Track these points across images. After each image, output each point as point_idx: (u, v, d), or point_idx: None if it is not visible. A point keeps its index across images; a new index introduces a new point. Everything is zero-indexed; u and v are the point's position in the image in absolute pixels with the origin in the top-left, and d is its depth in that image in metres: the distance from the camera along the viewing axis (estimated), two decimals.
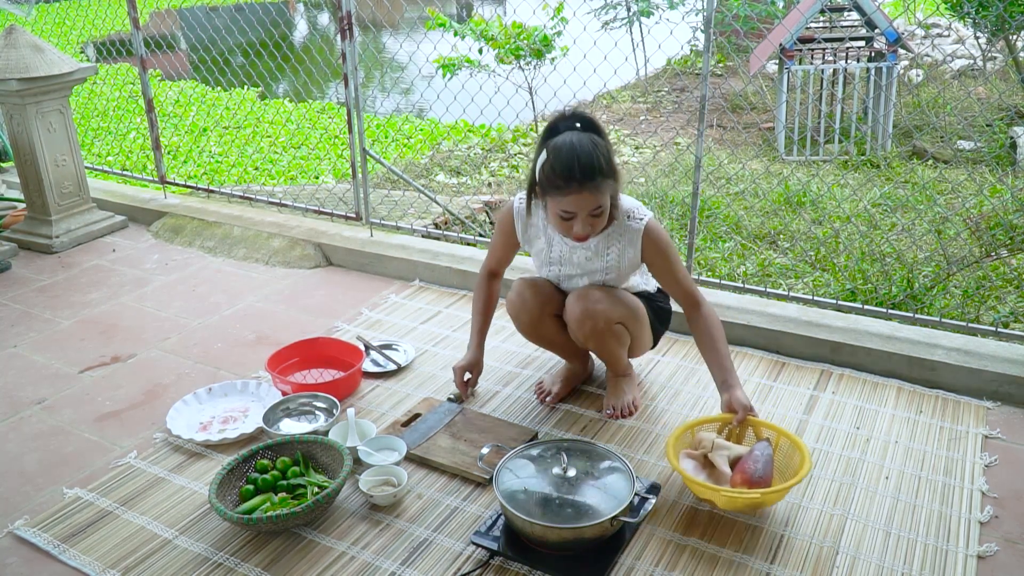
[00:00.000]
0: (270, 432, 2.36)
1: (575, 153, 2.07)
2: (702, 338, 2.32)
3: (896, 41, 6.28)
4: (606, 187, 2.12)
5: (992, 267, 3.80)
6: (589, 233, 2.17)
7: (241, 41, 5.51)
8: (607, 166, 2.11)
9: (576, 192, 2.08)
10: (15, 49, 3.70)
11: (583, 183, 2.07)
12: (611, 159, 2.13)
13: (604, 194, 2.12)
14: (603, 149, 2.12)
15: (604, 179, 2.10)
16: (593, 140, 2.11)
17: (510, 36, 6.62)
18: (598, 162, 2.08)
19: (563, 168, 2.08)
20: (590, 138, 2.11)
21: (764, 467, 2.01)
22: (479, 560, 1.95)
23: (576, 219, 2.14)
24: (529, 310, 2.45)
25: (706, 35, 2.86)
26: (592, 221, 2.15)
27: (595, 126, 2.17)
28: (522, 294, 2.45)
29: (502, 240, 2.51)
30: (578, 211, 2.12)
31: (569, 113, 2.17)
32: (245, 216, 4.09)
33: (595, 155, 2.08)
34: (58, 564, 1.98)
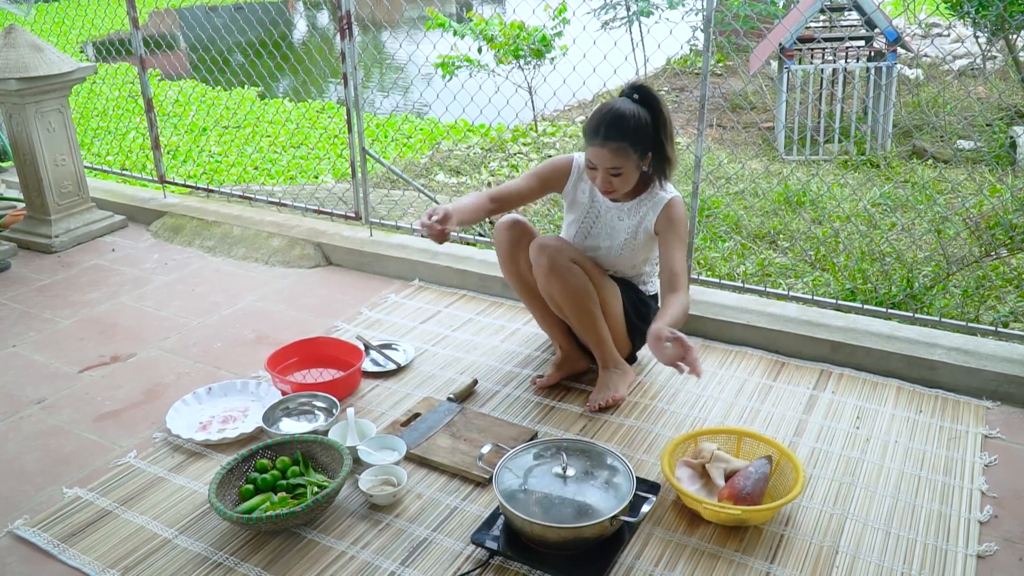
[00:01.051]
0: (270, 432, 2.36)
1: (609, 113, 2.28)
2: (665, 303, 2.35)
3: (896, 41, 6.28)
4: (627, 153, 2.29)
5: (992, 267, 3.80)
6: (608, 189, 2.37)
7: (240, 41, 5.51)
8: (633, 133, 2.27)
9: (598, 146, 2.29)
10: (14, 48, 3.69)
11: (604, 141, 2.28)
12: (644, 131, 2.29)
13: (624, 158, 2.29)
14: (640, 120, 2.28)
15: (626, 144, 2.27)
16: (635, 111, 2.28)
17: (510, 36, 6.62)
18: (624, 127, 2.26)
19: (594, 121, 2.30)
20: (634, 108, 2.29)
21: (754, 484, 2.02)
22: (479, 560, 1.95)
23: (598, 171, 2.34)
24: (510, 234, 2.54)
25: (706, 35, 2.86)
26: (611, 180, 2.34)
27: (652, 101, 2.33)
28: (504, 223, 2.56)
29: (544, 175, 2.57)
30: (598, 164, 2.33)
31: (636, 84, 2.36)
32: (245, 216, 4.09)
33: (625, 121, 2.27)
34: (58, 564, 1.98)
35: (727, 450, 2.23)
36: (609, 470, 2.03)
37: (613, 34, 8.51)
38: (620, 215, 2.52)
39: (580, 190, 2.57)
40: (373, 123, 7.26)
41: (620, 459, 2.05)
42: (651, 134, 2.33)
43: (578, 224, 2.59)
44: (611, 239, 2.54)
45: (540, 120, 7.41)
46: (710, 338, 2.94)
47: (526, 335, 2.99)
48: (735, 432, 2.25)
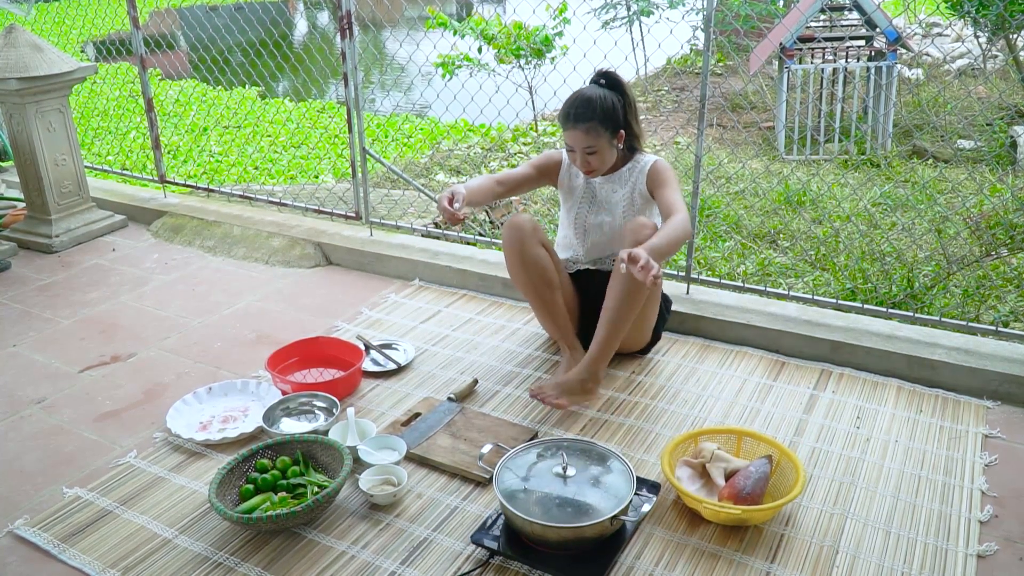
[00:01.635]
0: (270, 431, 2.36)
1: (578, 98, 2.49)
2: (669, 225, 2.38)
3: (896, 40, 6.28)
4: (598, 133, 2.47)
5: (992, 266, 3.80)
6: (587, 169, 2.55)
7: (241, 40, 5.51)
8: (603, 115, 2.46)
9: (571, 129, 2.49)
10: (15, 48, 3.70)
11: (576, 123, 2.47)
12: (612, 112, 2.48)
13: (596, 137, 2.48)
14: (605, 102, 2.47)
15: (596, 124, 2.46)
16: (602, 94, 2.48)
17: (510, 36, 6.62)
18: (592, 109, 2.46)
19: (565, 107, 2.51)
20: (601, 92, 2.49)
21: (754, 484, 2.02)
22: (479, 559, 1.95)
23: (576, 153, 2.52)
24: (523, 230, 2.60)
25: (706, 34, 2.86)
26: (588, 159, 2.52)
27: (618, 85, 2.54)
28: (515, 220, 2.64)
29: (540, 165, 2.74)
30: (574, 146, 2.51)
31: (602, 71, 2.57)
32: (245, 215, 4.09)
33: (594, 103, 2.46)
34: (58, 563, 1.98)
35: (727, 450, 2.23)
36: (609, 470, 2.03)
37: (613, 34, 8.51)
38: (613, 187, 2.66)
39: (572, 175, 2.74)
40: (373, 123, 7.26)
41: (620, 459, 2.05)
42: (621, 114, 2.52)
43: (577, 207, 2.72)
44: (611, 213, 2.67)
45: (540, 120, 7.41)
46: (710, 338, 2.94)
47: (526, 335, 2.98)
48: (735, 432, 2.25)
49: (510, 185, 2.71)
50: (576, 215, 2.73)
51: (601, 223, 2.69)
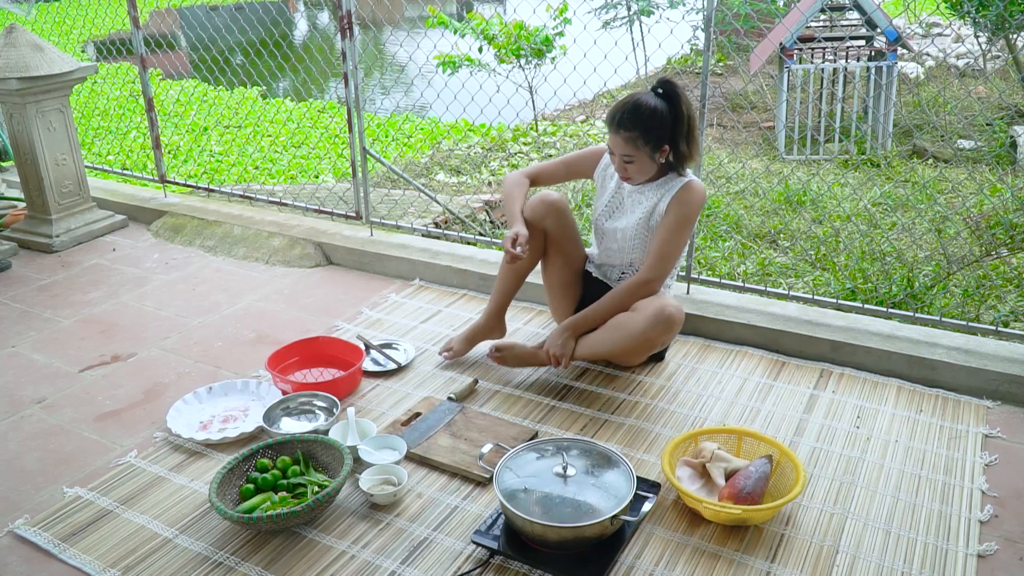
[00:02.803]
0: (270, 431, 2.36)
1: (628, 103, 2.41)
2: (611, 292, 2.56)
3: (896, 40, 6.28)
4: (638, 144, 2.41)
5: (992, 266, 3.80)
6: (623, 175, 2.51)
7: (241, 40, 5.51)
8: (646, 125, 2.38)
9: (612, 133, 2.44)
10: (15, 48, 3.70)
11: (618, 129, 2.41)
12: (659, 125, 2.39)
13: (635, 148, 2.41)
14: (656, 113, 2.38)
15: (637, 134, 2.39)
16: (653, 104, 2.39)
17: (511, 36, 6.62)
18: (638, 118, 2.38)
19: (613, 110, 2.43)
20: (654, 101, 2.40)
21: (755, 484, 2.02)
22: (479, 559, 1.95)
23: (615, 157, 2.48)
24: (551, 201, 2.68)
25: (706, 34, 2.86)
26: (624, 165, 2.47)
27: (672, 97, 2.42)
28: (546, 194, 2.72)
29: (579, 160, 2.74)
30: (614, 150, 2.47)
31: (664, 79, 2.46)
32: (245, 215, 4.09)
33: (640, 113, 2.38)
34: (58, 563, 1.98)
35: (727, 449, 2.23)
36: (609, 469, 2.03)
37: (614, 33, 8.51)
38: (639, 198, 2.60)
39: (608, 176, 2.70)
40: (374, 123, 7.26)
41: (620, 458, 2.05)
42: (668, 128, 2.42)
43: (604, 204, 2.70)
44: (627, 220, 2.62)
45: (541, 120, 7.41)
46: (710, 338, 2.94)
47: (526, 335, 2.99)
48: (735, 431, 2.25)
49: (541, 181, 2.77)
50: (602, 211, 2.71)
51: (615, 229, 2.65)
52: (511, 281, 2.79)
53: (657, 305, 2.43)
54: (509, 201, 2.67)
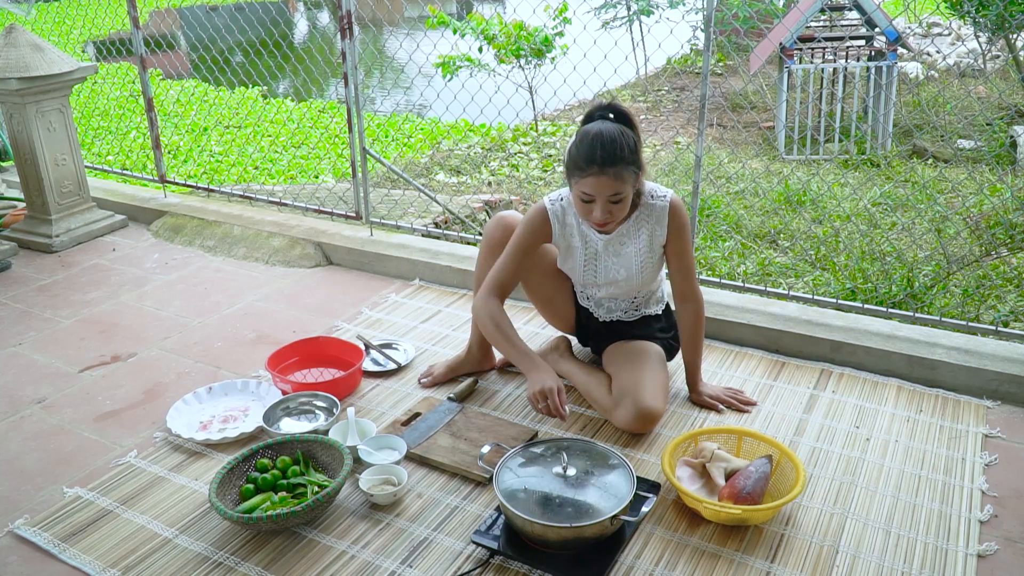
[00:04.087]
0: (270, 431, 2.36)
1: (600, 138, 2.15)
2: (686, 335, 2.51)
3: (896, 40, 6.28)
4: (627, 175, 2.17)
5: (992, 266, 3.80)
6: (608, 220, 2.23)
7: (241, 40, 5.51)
8: (630, 155, 2.17)
9: (596, 175, 2.15)
10: (15, 48, 3.70)
11: (603, 167, 2.14)
12: (636, 150, 2.20)
13: (624, 182, 2.18)
14: (629, 139, 2.18)
15: (625, 166, 2.16)
16: (621, 130, 2.18)
17: (511, 36, 6.62)
18: (620, 149, 2.15)
19: (587, 150, 2.15)
20: (619, 128, 2.19)
21: (754, 484, 2.02)
22: (479, 559, 1.95)
23: (596, 203, 2.19)
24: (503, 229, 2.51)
25: (706, 34, 2.86)
26: (611, 208, 2.21)
27: (627, 118, 2.24)
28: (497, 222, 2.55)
29: (527, 244, 2.42)
30: (597, 195, 2.18)
31: (605, 104, 2.25)
32: (245, 215, 4.09)
33: (619, 142, 2.15)
34: (58, 563, 1.98)
35: (727, 449, 2.23)
36: (609, 469, 2.03)
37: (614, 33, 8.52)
38: (622, 240, 2.39)
39: (568, 234, 2.43)
40: (374, 123, 7.26)
41: (620, 458, 2.05)
42: (638, 151, 2.24)
43: (581, 268, 2.46)
44: (626, 268, 2.42)
45: (540, 119, 7.41)
46: (710, 338, 2.93)
47: (526, 335, 2.98)
48: (735, 431, 2.25)
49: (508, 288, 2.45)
50: (584, 273, 2.47)
51: (615, 280, 2.45)
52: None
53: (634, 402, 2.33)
54: (501, 340, 2.36)
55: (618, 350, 2.52)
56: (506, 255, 2.42)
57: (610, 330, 2.57)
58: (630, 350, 2.49)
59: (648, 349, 2.49)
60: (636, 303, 2.55)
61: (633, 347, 2.50)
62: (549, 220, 2.41)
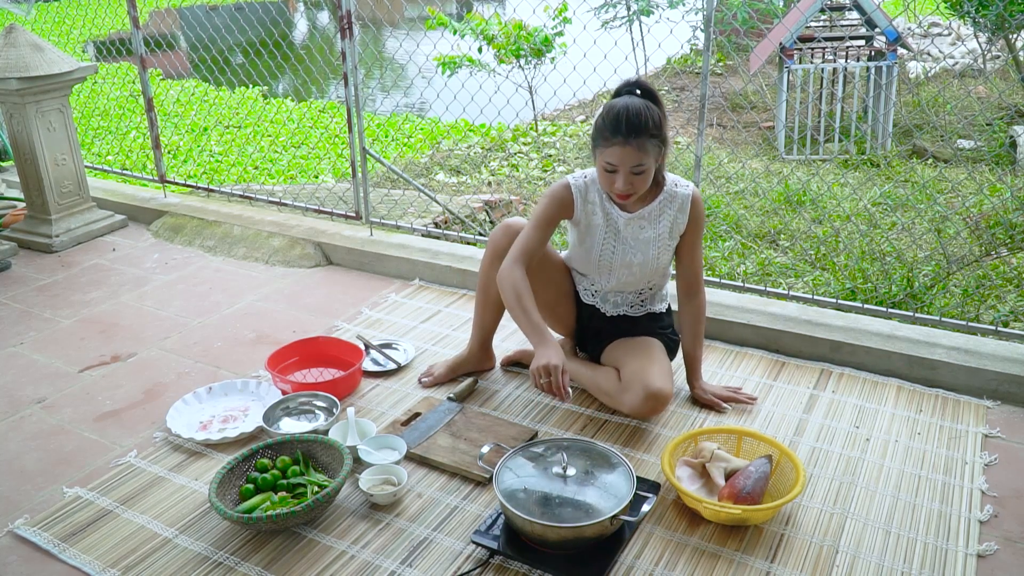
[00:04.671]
0: (270, 431, 2.36)
1: (626, 110, 2.19)
2: (688, 327, 2.54)
3: (896, 40, 6.28)
4: (650, 147, 2.21)
5: (992, 266, 3.80)
6: (629, 192, 2.26)
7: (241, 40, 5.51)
8: (654, 127, 2.20)
9: (620, 144, 2.18)
10: (15, 48, 3.70)
11: (628, 137, 2.17)
12: (661, 125, 2.23)
13: (647, 154, 2.21)
14: (655, 113, 2.22)
15: (649, 138, 2.20)
16: (647, 104, 2.22)
17: (510, 36, 6.62)
18: (645, 121, 2.19)
19: (612, 120, 2.19)
20: (644, 102, 2.22)
21: (754, 484, 2.02)
22: (479, 559, 1.95)
23: (619, 174, 2.22)
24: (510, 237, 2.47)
25: (706, 34, 2.86)
26: (633, 179, 2.24)
27: (653, 95, 2.27)
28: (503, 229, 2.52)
29: (551, 215, 2.42)
30: (620, 165, 2.21)
31: (632, 81, 2.29)
32: (245, 215, 4.09)
33: (644, 115, 2.19)
34: (58, 563, 1.98)
35: (727, 449, 2.23)
36: (609, 469, 2.03)
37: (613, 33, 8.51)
38: (642, 224, 2.40)
39: (590, 211, 2.43)
40: (374, 123, 7.26)
41: (620, 458, 2.05)
42: (663, 126, 2.27)
43: (599, 247, 2.45)
44: (643, 252, 2.42)
45: (540, 119, 7.41)
46: (710, 338, 2.93)
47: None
48: (735, 431, 2.25)
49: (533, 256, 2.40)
50: (601, 254, 2.46)
51: (630, 263, 2.44)
52: (491, 313, 2.62)
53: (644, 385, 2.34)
54: (519, 312, 2.29)
55: (621, 345, 2.53)
56: (531, 226, 2.42)
57: (614, 326, 2.57)
58: (634, 343, 2.51)
59: (651, 341, 2.52)
60: (643, 297, 2.56)
61: (636, 340, 2.52)
62: (572, 194, 2.42)
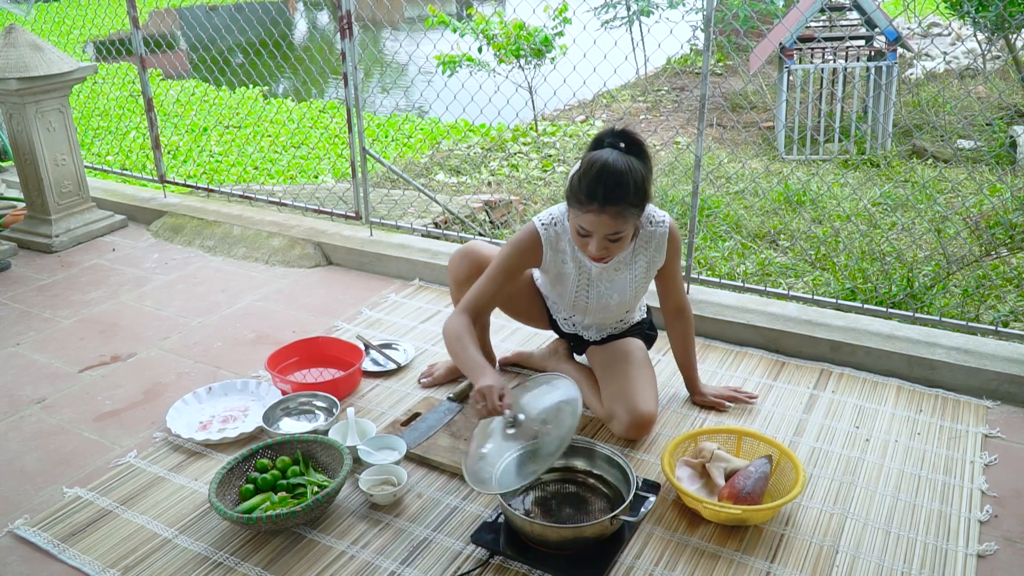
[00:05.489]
0: (270, 431, 2.36)
1: (605, 172, 1.98)
2: (680, 345, 2.51)
3: (896, 40, 6.28)
4: (629, 215, 2.03)
5: (992, 266, 3.80)
6: (604, 256, 2.10)
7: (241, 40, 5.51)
8: (635, 194, 2.01)
9: (596, 212, 2.00)
10: (15, 48, 3.70)
11: (604, 205, 1.99)
12: (643, 186, 2.03)
13: (625, 222, 2.04)
14: (637, 175, 2.01)
15: (628, 207, 2.01)
16: (630, 164, 2.00)
17: (511, 36, 6.62)
18: (625, 189, 1.99)
19: (589, 184, 1.99)
20: (627, 161, 2.00)
21: (754, 484, 2.02)
22: (479, 559, 1.95)
23: (592, 238, 2.06)
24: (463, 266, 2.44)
25: (706, 34, 2.86)
26: (608, 245, 2.07)
27: (639, 149, 2.06)
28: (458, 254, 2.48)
29: (513, 266, 2.27)
30: (594, 231, 2.04)
31: (618, 130, 2.06)
32: (245, 215, 4.09)
33: (626, 180, 1.99)
34: (58, 563, 1.98)
35: (727, 449, 2.23)
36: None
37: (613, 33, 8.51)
38: (617, 267, 2.30)
39: (560, 260, 2.30)
40: (374, 123, 7.26)
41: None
42: (646, 187, 2.06)
43: (572, 293, 2.36)
44: (620, 293, 2.34)
45: (540, 119, 7.41)
46: (710, 338, 2.94)
47: (526, 335, 2.98)
48: (735, 432, 2.25)
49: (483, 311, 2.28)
50: (575, 298, 2.37)
51: (607, 305, 2.37)
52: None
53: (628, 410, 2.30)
54: (460, 352, 2.13)
55: (601, 350, 2.49)
56: (489, 277, 2.24)
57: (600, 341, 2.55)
58: (615, 350, 2.45)
59: (632, 350, 2.44)
60: (624, 321, 2.51)
61: (617, 347, 2.46)
62: (541, 245, 2.26)
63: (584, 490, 2.09)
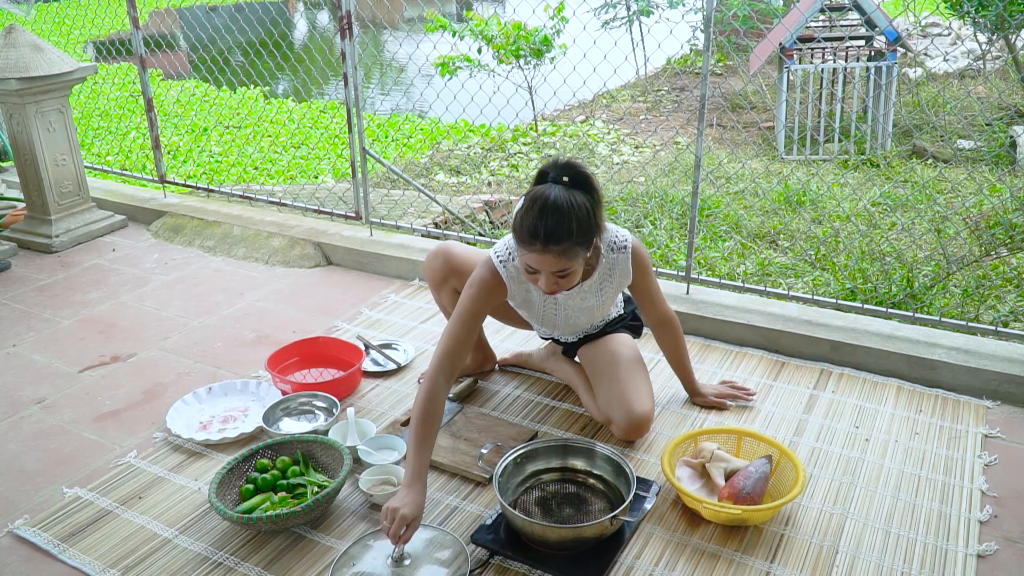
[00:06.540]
0: (270, 431, 2.36)
1: (547, 211, 1.91)
2: (671, 354, 2.50)
3: (896, 40, 6.28)
4: (574, 253, 1.97)
5: (992, 266, 3.80)
6: (555, 290, 2.05)
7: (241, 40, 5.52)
8: (578, 232, 1.94)
9: (539, 252, 1.94)
10: (15, 48, 3.70)
11: (546, 246, 1.92)
12: (589, 222, 1.96)
13: (570, 259, 1.97)
14: (581, 211, 1.94)
15: (572, 246, 1.95)
16: (572, 201, 1.93)
17: (510, 36, 6.62)
18: (568, 228, 1.92)
19: (531, 224, 1.93)
20: (570, 198, 1.93)
21: (754, 484, 2.02)
22: (479, 560, 1.95)
23: (541, 275, 2.01)
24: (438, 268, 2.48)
25: (706, 34, 2.86)
26: (558, 281, 2.02)
27: (584, 183, 1.98)
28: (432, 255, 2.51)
29: (484, 305, 2.20)
30: (540, 269, 1.99)
31: (562, 163, 1.97)
32: (245, 215, 4.09)
33: (567, 219, 1.92)
34: (58, 563, 1.98)
35: (727, 450, 2.23)
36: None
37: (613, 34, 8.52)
38: (584, 295, 2.28)
39: (525, 290, 2.28)
40: (374, 123, 7.26)
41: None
42: (593, 221, 1.98)
43: (540, 316, 2.38)
44: (588, 315, 2.36)
45: (540, 120, 7.41)
46: (710, 338, 2.94)
47: (525, 335, 2.98)
48: (735, 432, 2.25)
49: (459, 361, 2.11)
50: (543, 319, 2.40)
51: (575, 324, 2.40)
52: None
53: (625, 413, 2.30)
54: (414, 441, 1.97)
55: (591, 352, 2.46)
56: (457, 323, 2.14)
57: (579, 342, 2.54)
58: (604, 352, 2.42)
59: (620, 350, 2.41)
60: (599, 325, 2.50)
61: (606, 348, 2.42)
62: (503, 283, 2.21)
63: (584, 490, 2.09)
